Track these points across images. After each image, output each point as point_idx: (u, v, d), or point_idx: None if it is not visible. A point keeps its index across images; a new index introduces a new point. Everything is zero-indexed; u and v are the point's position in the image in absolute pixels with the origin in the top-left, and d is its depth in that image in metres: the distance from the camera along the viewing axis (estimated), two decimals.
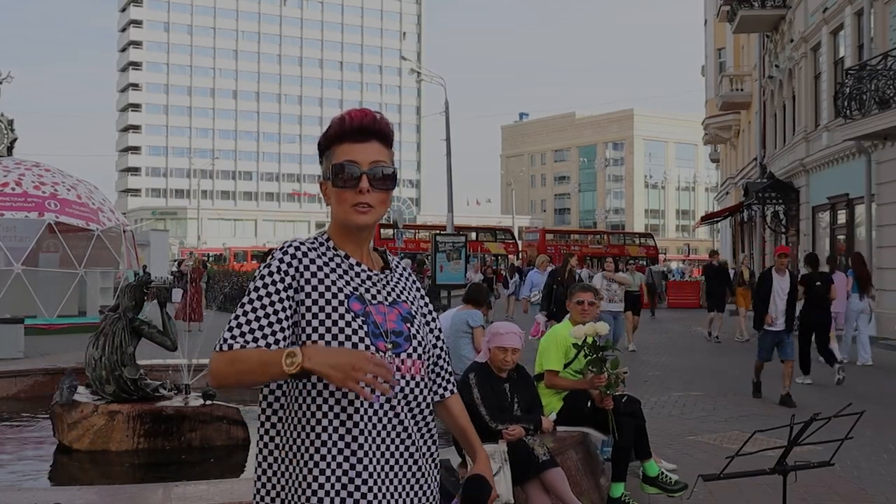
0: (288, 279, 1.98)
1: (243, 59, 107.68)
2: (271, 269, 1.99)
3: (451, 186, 32.95)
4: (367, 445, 1.94)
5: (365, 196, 2.02)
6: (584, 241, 58.36)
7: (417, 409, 2.05)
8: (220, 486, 4.39)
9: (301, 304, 1.98)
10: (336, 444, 1.93)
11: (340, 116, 2.06)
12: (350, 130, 2.04)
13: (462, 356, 7.76)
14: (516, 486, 4.66)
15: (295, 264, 2.00)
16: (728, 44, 36.79)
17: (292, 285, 1.98)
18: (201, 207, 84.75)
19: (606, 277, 13.43)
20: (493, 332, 4.97)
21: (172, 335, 6.82)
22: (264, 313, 1.94)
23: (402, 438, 2.00)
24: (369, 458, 1.94)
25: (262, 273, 2.00)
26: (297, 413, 1.97)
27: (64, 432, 6.19)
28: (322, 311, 1.97)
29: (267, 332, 1.93)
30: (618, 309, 13.53)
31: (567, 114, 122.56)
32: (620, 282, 13.72)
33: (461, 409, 2.31)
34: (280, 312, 1.95)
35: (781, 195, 25.25)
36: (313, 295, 1.98)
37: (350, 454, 1.93)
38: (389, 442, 1.98)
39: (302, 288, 1.99)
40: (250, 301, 1.96)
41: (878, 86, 16.46)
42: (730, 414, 9.15)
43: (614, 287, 13.38)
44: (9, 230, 18.48)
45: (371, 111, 2.07)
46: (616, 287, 13.39)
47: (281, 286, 1.97)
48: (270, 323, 1.94)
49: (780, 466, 3.69)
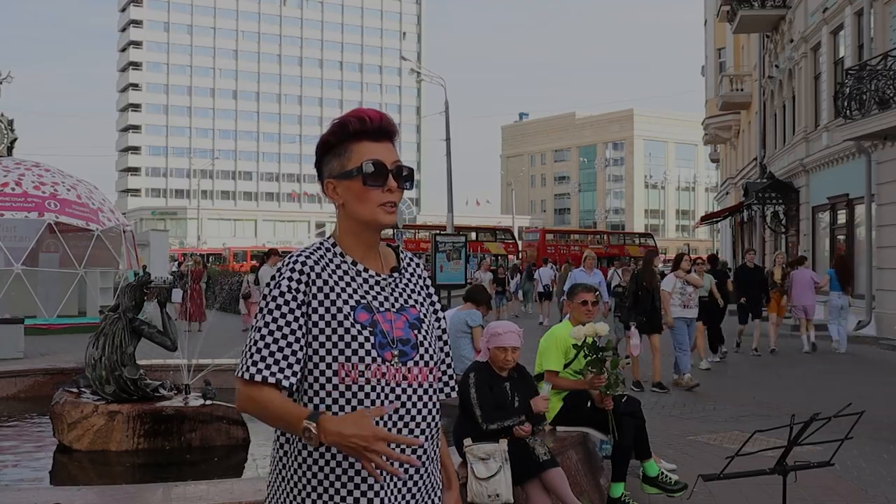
0: (300, 296, 1.98)
1: (243, 59, 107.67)
2: (282, 290, 1.99)
3: (450, 186, 32.94)
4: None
5: (392, 195, 2.02)
6: (583, 241, 58.37)
7: (422, 418, 2.03)
8: (220, 486, 4.39)
9: (309, 317, 1.99)
10: (344, 455, 1.93)
11: (358, 116, 2.03)
12: (372, 130, 2.03)
13: (462, 356, 7.77)
14: (516, 485, 4.66)
15: (304, 280, 1.99)
16: (728, 44, 36.78)
17: (305, 301, 1.99)
18: (201, 207, 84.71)
19: (679, 277, 11.72)
20: (491, 332, 4.96)
21: (172, 335, 6.82)
22: (282, 335, 1.95)
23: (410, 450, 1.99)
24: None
25: (273, 294, 1.99)
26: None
27: (64, 432, 6.19)
28: (328, 325, 1.97)
29: (283, 365, 1.94)
30: (692, 315, 11.74)
31: (567, 114, 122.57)
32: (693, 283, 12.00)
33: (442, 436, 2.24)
34: (296, 333, 1.96)
35: (781, 195, 25.25)
36: (320, 310, 1.98)
37: (355, 460, 1.92)
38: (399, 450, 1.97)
39: (309, 303, 1.99)
40: (266, 325, 1.96)
41: (878, 86, 16.45)
42: (730, 414, 9.14)
43: (689, 290, 11.67)
44: (9, 230, 18.47)
45: (382, 112, 2.07)
46: (692, 290, 11.72)
47: (294, 304, 1.97)
48: (287, 348, 1.95)
49: (779, 466, 3.69)
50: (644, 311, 10.69)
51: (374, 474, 1.84)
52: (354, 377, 1.94)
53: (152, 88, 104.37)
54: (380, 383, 1.95)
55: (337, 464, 1.94)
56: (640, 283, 10.91)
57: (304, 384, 1.99)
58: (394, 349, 1.99)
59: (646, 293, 10.77)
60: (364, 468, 1.86)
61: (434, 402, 2.06)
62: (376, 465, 1.81)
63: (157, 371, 7.94)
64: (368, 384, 1.95)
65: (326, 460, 1.95)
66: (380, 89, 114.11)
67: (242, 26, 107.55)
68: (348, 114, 2.06)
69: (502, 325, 5.03)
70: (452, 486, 2.25)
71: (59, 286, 18.70)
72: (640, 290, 10.83)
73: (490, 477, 4.52)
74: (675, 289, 11.34)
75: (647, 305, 10.74)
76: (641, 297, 10.76)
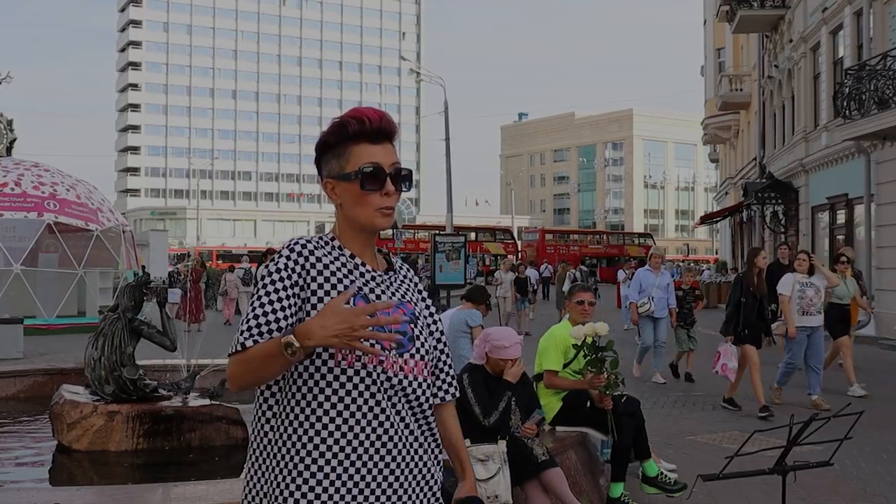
0: (295, 276, 1.98)
1: (242, 59, 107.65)
2: (279, 266, 1.99)
3: (450, 186, 32.95)
4: (367, 443, 1.93)
5: (390, 199, 2.03)
6: (583, 241, 58.42)
7: (420, 410, 2.04)
8: (220, 486, 4.39)
9: (307, 301, 1.98)
10: (338, 442, 1.92)
11: (357, 117, 2.02)
12: (371, 131, 2.02)
13: (461, 356, 7.76)
14: (515, 486, 4.66)
15: (301, 262, 1.99)
16: (727, 44, 36.80)
17: (298, 282, 1.98)
18: (200, 207, 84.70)
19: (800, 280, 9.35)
20: (494, 343, 4.89)
21: (172, 335, 6.83)
22: (271, 308, 1.93)
23: (406, 438, 1.99)
24: (370, 455, 1.93)
25: (269, 270, 2.00)
26: (293, 413, 1.95)
27: (63, 432, 6.19)
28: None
29: (271, 320, 1.92)
30: (815, 324, 9.39)
31: (566, 114, 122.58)
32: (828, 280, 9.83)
33: (455, 423, 2.27)
34: (287, 308, 1.95)
35: (781, 195, 25.27)
36: (319, 293, 1.98)
37: (351, 451, 1.92)
38: (397, 441, 1.97)
39: (308, 285, 1.98)
40: (258, 298, 1.96)
41: (877, 86, 16.45)
42: (729, 414, 9.14)
43: (810, 293, 9.31)
44: (8, 230, 18.47)
45: (382, 111, 2.06)
46: (812, 293, 9.32)
47: (288, 282, 1.97)
48: (275, 311, 1.93)
49: (779, 466, 3.69)
50: (749, 323, 9.07)
51: (374, 351, 1.84)
52: (351, 361, 1.94)
53: (151, 88, 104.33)
54: (376, 370, 1.95)
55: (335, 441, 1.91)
56: (745, 289, 9.15)
57: (299, 367, 1.95)
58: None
59: (752, 300, 9.10)
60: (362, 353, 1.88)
61: (428, 396, 2.06)
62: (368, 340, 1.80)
63: (157, 371, 7.94)
64: (364, 369, 1.94)
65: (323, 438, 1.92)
66: (379, 89, 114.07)
67: (242, 26, 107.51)
68: (348, 114, 2.05)
69: (506, 335, 4.97)
70: (466, 475, 2.29)
71: (58, 286, 18.70)
72: (745, 296, 9.10)
73: (489, 478, 4.51)
74: (793, 290, 9.33)
75: (752, 315, 9.12)
76: (746, 304, 9.08)
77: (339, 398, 1.93)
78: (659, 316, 11.35)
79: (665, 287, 11.44)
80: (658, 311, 11.31)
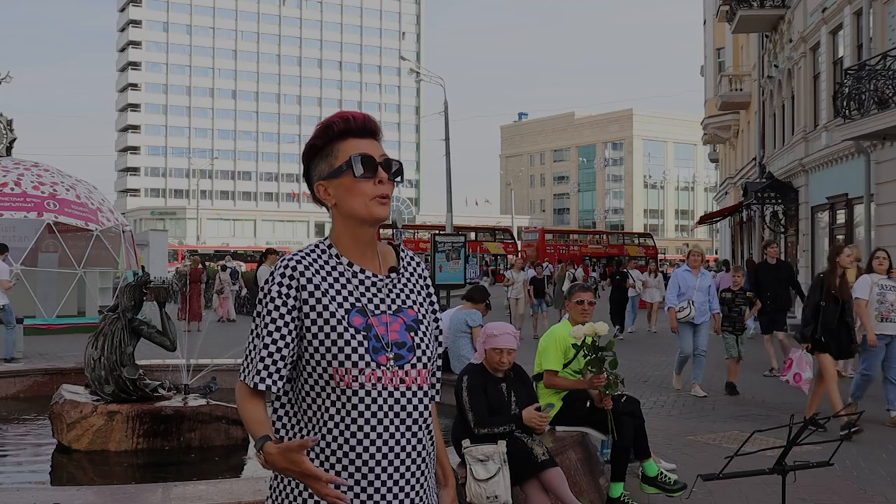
0: (290, 301, 1.99)
1: (242, 59, 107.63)
2: (272, 296, 2.00)
3: (450, 186, 32.93)
4: (372, 449, 1.95)
5: (384, 187, 2.03)
6: (583, 241, 58.42)
7: (422, 419, 2.04)
8: (220, 486, 4.39)
9: (306, 316, 1.99)
10: (342, 447, 1.95)
11: (341, 116, 2.05)
12: (356, 128, 2.04)
13: (462, 356, 7.78)
14: (515, 486, 4.66)
15: (294, 284, 1.99)
16: (727, 44, 36.80)
17: (295, 305, 1.99)
18: (200, 207, 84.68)
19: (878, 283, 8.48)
20: (487, 333, 4.94)
21: (171, 335, 6.83)
22: (276, 348, 1.98)
23: (411, 445, 2.00)
24: (377, 460, 1.95)
25: (264, 299, 2.01)
26: (301, 427, 2.02)
27: (63, 432, 6.19)
28: (321, 330, 1.97)
29: (273, 370, 1.98)
30: (894, 332, 8.49)
31: (566, 114, 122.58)
32: None
33: (436, 426, 2.23)
34: (286, 339, 1.98)
35: (780, 195, 25.25)
36: (312, 315, 1.98)
37: (355, 457, 1.94)
38: (400, 449, 1.98)
39: (301, 307, 1.99)
40: (258, 332, 2.00)
41: (877, 86, 16.45)
42: (729, 414, 9.14)
43: (891, 297, 8.46)
44: (8, 230, 18.46)
45: (364, 112, 2.09)
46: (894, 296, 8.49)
47: (284, 310, 1.99)
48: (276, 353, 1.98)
49: (779, 466, 3.69)
50: (828, 329, 8.16)
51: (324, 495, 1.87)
52: (348, 381, 1.94)
53: (151, 88, 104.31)
54: (375, 387, 1.95)
55: (337, 460, 1.95)
56: (826, 292, 8.23)
57: (305, 387, 2.00)
58: (389, 353, 1.98)
59: (832, 304, 8.18)
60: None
61: (427, 404, 2.06)
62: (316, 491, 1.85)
63: (157, 371, 7.94)
64: (363, 388, 1.95)
65: (327, 455, 1.96)
66: (379, 89, 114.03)
67: (241, 26, 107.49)
68: (331, 116, 2.07)
69: (498, 326, 5.00)
70: (448, 483, 2.26)
71: (58, 286, 18.70)
72: (825, 300, 8.19)
73: (489, 478, 4.52)
74: (872, 294, 8.45)
75: (832, 321, 8.19)
76: (826, 308, 8.18)
77: (340, 417, 1.95)
78: (699, 322, 10.37)
79: (706, 289, 10.43)
80: (698, 317, 10.31)
